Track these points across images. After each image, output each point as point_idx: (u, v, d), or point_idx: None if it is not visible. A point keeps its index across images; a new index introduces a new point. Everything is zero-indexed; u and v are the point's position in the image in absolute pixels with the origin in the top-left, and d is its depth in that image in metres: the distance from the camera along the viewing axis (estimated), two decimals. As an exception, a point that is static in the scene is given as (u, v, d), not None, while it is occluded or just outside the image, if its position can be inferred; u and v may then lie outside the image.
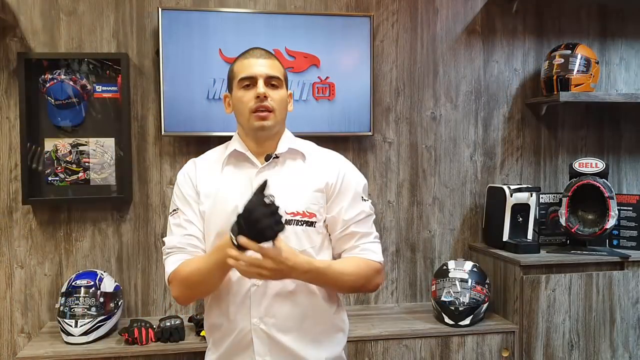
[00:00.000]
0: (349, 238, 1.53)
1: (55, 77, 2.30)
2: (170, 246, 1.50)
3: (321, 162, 1.55)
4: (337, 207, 1.51)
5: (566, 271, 2.38)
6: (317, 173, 1.52)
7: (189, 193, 1.52)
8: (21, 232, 2.37)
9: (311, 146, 1.61)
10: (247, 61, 1.50)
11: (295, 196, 1.48)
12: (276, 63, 1.52)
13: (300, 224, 1.47)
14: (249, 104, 1.47)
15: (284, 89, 1.52)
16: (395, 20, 2.63)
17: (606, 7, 2.82)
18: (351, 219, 1.52)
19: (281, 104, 1.50)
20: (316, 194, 1.50)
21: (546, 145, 2.80)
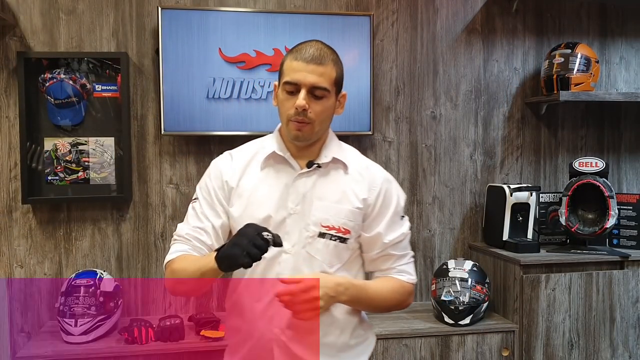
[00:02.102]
0: (386, 260, 1.49)
1: (54, 77, 2.30)
2: (180, 234, 1.47)
3: (363, 176, 1.48)
4: (377, 228, 1.47)
5: (566, 270, 2.38)
6: (358, 188, 1.46)
7: (214, 188, 1.47)
8: (21, 231, 2.36)
9: (354, 156, 1.53)
10: (297, 64, 1.38)
11: (332, 209, 1.43)
12: (327, 69, 1.39)
13: (334, 239, 1.42)
14: (289, 111, 1.39)
15: (331, 99, 1.41)
16: (395, 19, 2.63)
17: (606, 7, 2.82)
18: (390, 241, 1.48)
19: (323, 115, 1.41)
20: (354, 210, 1.44)
21: (546, 145, 2.80)
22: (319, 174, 1.46)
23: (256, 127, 2.43)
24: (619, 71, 2.87)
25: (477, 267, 2.42)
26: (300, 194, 1.43)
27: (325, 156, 1.46)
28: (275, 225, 1.41)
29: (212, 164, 1.53)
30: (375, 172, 1.52)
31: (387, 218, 1.48)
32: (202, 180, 1.52)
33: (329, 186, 1.45)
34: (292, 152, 1.47)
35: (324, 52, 1.40)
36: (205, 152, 2.48)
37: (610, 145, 2.86)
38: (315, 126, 1.40)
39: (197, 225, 1.45)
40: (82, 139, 2.37)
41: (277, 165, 1.47)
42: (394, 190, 1.51)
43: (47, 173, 2.35)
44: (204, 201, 1.47)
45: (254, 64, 2.42)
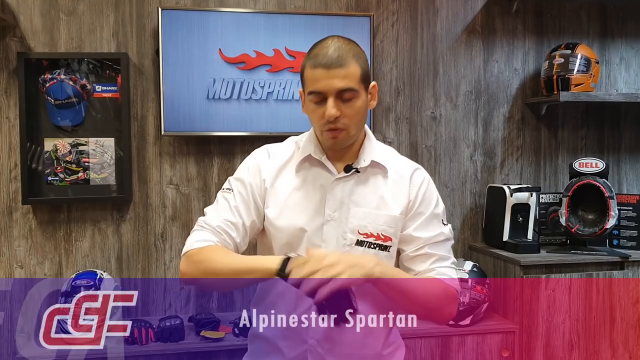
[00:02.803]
0: (424, 259, 1.38)
1: (55, 77, 2.30)
2: (210, 223, 1.37)
3: (403, 179, 1.41)
4: (413, 225, 1.39)
5: (566, 271, 2.38)
6: (399, 193, 1.40)
7: (252, 183, 1.39)
8: (21, 232, 2.36)
9: (392, 157, 1.46)
10: (318, 72, 1.29)
11: (370, 216, 1.37)
12: (351, 67, 1.30)
13: (373, 246, 1.36)
14: (320, 122, 1.32)
15: (362, 96, 1.33)
16: (395, 20, 2.63)
17: (606, 7, 2.82)
18: (428, 238, 1.38)
19: (356, 117, 1.33)
20: (395, 216, 1.38)
21: (546, 145, 2.80)
22: (357, 178, 1.39)
23: (256, 127, 2.43)
24: (619, 72, 2.87)
25: (477, 267, 2.42)
26: (338, 200, 1.37)
27: (364, 160, 1.39)
28: (312, 232, 1.35)
29: (251, 158, 1.45)
30: (417, 174, 1.44)
31: (425, 217, 1.40)
32: (240, 172, 1.43)
33: (367, 191, 1.39)
34: (329, 154, 1.40)
35: (342, 51, 1.30)
36: (205, 153, 2.48)
37: (610, 146, 2.86)
38: (350, 130, 1.34)
39: (229, 219, 1.36)
40: (82, 139, 2.37)
41: (314, 168, 1.40)
42: (434, 193, 1.45)
43: (47, 173, 2.35)
44: (238, 195, 1.39)
45: (254, 65, 2.42)
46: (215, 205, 1.41)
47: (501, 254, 2.48)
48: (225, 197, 1.40)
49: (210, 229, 1.36)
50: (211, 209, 1.40)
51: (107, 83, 2.38)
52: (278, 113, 2.44)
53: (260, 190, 1.39)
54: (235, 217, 1.37)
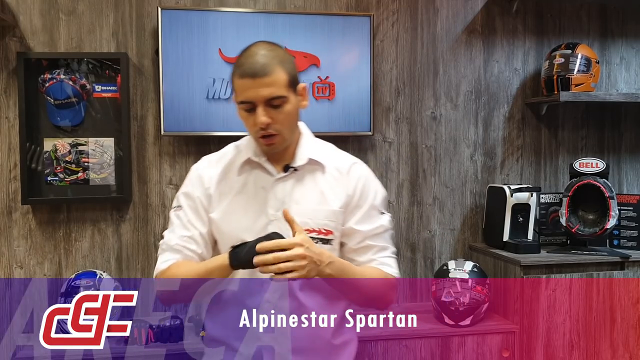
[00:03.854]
0: (365, 250, 1.46)
1: (54, 77, 2.29)
2: (168, 244, 1.45)
3: (342, 174, 1.47)
4: (354, 219, 1.45)
5: (566, 271, 2.38)
6: (338, 188, 1.45)
7: (197, 195, 1.45)
8: (20, 232, 2.36)
9: (331, 153, 1.51)
10: (244, 82, 1.34)
11: (310, 212, 1.42)
12: (277, 74, 1.34)
13: (316, 241, 1.40)
14: (253, 129, 1.38)
15: (291, 100, 1.37)
16: (395, 20, 2.63)
17: (606, 7, 2.81)
18: (369, 231, 1.46)
19: (288, 120, 1.38)
20: (336, 210, 1.44)
21: (546, 145, 2.80)
22: (296, 177, 1.45)
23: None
24: (619, 72, 2.87)
25: (478, 267, 2.42)
26: (280, 199, 1.42)
27: (301, 158, 1.45)
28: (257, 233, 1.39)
29: (192, 171, 1.51)
30: (354, 168, 1.50)
31: (364, 210, 1.46)
32: (184, 188, 1.50)
33: (307, 188, 1.44)
34: (268, 156, 1.45)
35: (267, 59, 1.34)
36: (205, 153, 2.43)
37: (610, 146, 2.86)
38: (284, 134, 1.39)
39: (185, 235, 1.44)
40: (81, 139, 2.37)
41: (254, 170, 1.46)
42: (372, 185, 1.50)
43: (46, 174, 2.35)
44: (188, 209, 1.46)
45: (254, 65, 2.41)
46: (170, 225, 1.48)
47: (501, 254, 2.47)
48: (177, 215, 1.47)
49: (170, 249, 1.44)
50: (167, 231, 1.48)
51: (107, 83, 2.38)
52: (278, 113, 2.44)
53: (206, 198, 1.45)
54: (191, 231, 1.44)
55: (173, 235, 1.46)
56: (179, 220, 1.46)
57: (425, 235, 2.69)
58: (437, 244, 2.70)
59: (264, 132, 1.36)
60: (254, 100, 1.34)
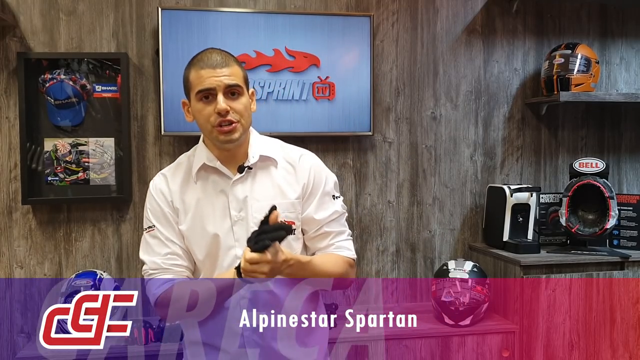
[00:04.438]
0: (323, 237, 1.53)
1: (54, 77, 2.30)
2: (154, 267, 1.47)
3: (293, 166, 1.52)
4: (309, 207, 1.51)
5: (566, 271, 2.38)
6: (292, 179, 1.51)
7: (164, 210, 1.48)
8: (21, 232, 2.36)
9: (279, 148, 1.56)
10: (204, 72, 1.41)
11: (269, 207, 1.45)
12: (235, 68, 1.44)
13: None
14: (211, 119, 1.41)
15: (246, 94, 1.46)
16: (395, 20, 2.63)
17: (606, 7, 2.82)
18: (324, 219, 1.51)
19: (245, 112, 1.45)
20: (293, 202, 1.49)
21: (546, 145, 2.80)
22: (252, 175, 1.49)
23: (256, 127, 2.39)
24: (619, 72, 2.87)
25: (478, 267, 2.42)
26: (240, 200, 1.46)
27: (253, 156, 1.49)
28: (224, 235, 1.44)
29: (151, 189, 1.54)
30: (304, 159, 1.54)
31: (317, 198, 1.51)
32: (147, 209, 1.52)
33: (263, 185, 1.49)
34: (222, 159, 1.49)
35: (225, 56, 1.44)
36: None
37: (610, 146, 2.86)
38: (243, 124, 1.44)
39: (167, 252, 1.46)
40: (82, 139, 2.37)
41: (211, 175, 1.49)
42: (322, 172, 1.54)
43: (47, 174, 2.35)
44: (162, 227, 1.48)
45: (254, 65, 2.42)
46: (146, 248, 1.50)
47: (501, 254, 2.48)
48: (152, 236, 1.49)
49: (158, 271, 1.46)
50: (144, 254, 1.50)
51: (107, 83, 2.38)
52: (278, 113, 2.44)
53: (174, 212, 1.48)
54: (171, 247, 1.47)
55: (153, 256, 1.48)
56: (156, 240, 1.48)
57: (425, 235, 2.69)
58: (437, 244, 2.70)
59: (222, 119, 1.40)
60: (215, 87, 1.40)
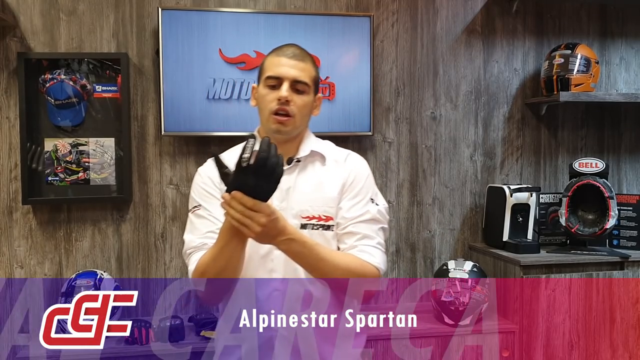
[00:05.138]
0: (347, 236, 1.45)
1: (55, 77, 2.30)
2: (192, 246, 1.44)
3: (339, 164, 1.51)
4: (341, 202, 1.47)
5: (566, 271, 2.38)
6: (336, 175, 1.49)
7: (210, 192, 1.46)
8: (21, 232, 2.36)
9: (330, 147, 1.56)
10: (278, 59, 1.46)
11: (309, 200, 1.45)
12: (308, 66, 1.47)
13: (316, 227, 1.43)
14: (270, 105, 1.43)
15: (311, 95, 1.47)
16: (395, 20, 2.63)
17: (606, 8, 2.82)
18: (353, 217, 1.45)
19: (303, 110, 1.45)
20: (333, 197, 1.46)
21: (546, 145, 2.80)
22: (299, 168, 1.49)
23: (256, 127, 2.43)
24: (619, 72, 2.87)
25: (477, 267, 2.42)
26: (284, 190, 1.45)
27: (304, 150, 1.50)
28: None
29: (200, 172, 1.52)
30: (350, 158, 1.54)
31: (352, 194, 1.47)
32: (197, 188, 1.49)
33: (307, 178, 1.49)
34: None
35: (304, 53, 1.49)
36: (206, 153, 2.48)
37: (610, 146, 2.86)
38: (297, 120, 1.44)
39: (210, 230, 1.42)
40: (82, 139, 2.37)
41: None
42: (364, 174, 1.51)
43: (47, 174, 2.35)
44: (208, 204, 1.45)
45: (254, 65, 2.42)
46: (189, 227, 1.47)
47: (501, 254, 2.48)
48: (197, 214, 1.46)
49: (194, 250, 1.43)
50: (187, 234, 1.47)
51: (107, 83, 2.39)
52: (278, 113, 2.44)
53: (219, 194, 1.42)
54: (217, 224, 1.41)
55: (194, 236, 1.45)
56: (200, 219, 1.45)
57: (425, 235, 2.69)
58: (437, 244, 2.70)
59: (280, 107, 1.41)
60: (283, 76, 1.43)
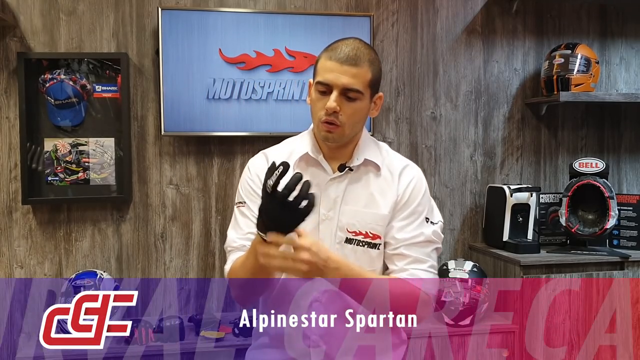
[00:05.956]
0: (398, 258, 1.39)
1: (55, 77, 2.30)
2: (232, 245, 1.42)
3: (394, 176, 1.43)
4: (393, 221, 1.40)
5: (566, 271, 2.38)
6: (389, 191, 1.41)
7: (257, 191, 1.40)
8: (21, 232, 2.36)
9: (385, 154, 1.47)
10: (331, 64, 1.34)
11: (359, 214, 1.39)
12: (363, 70, 1.34)
13: (362, 244, 1.38)
14: (319, 113, 1.35)
15: (364, 100, 1.36)
16: (395, 20, 2.63)
17: (606, 8, 2.82)
18: (405, 239, 1.39)
19: (354, 118, 1.36)
20: (384, 215, 1.40)
21: (546, 145, 2.80)
22: (351, 177, 1.42)
23: (256, 127, 2.43)
24: (619, 72, 2.87)
25: (477, 267, 2.42)
26: (332, 199, 1.40)
27: (357, 158, 1.42)
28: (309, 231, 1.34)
29: (249, 166, 1.47)
30: (407, 170, 1.45)
31: (406, 213, 1.41)
32: (244, 183, 1.45)
33: (358, 190, 1.41)
34: (325, 153, 1.42)
35: (360, 52, 1.35)
36: (205, 153, 2.48)
37: (610, 146, 2.86)
38: (345, 129, 1.36)
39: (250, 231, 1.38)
40: (82, 139, 2.37)
41: (310, 167, 1.42)
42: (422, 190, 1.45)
43: (47, 174, 2.35)
44: (252, 204, 1.40)
45: (254, 65, 2.42)
46: (233, 223, 1.45)
47: (501, 254, 2.48)
48: (241, 212, 1.43)
49: (234, 249, 1.41)
50: (230, 230, 1.44)
51: (107, 83, 2.38)
52: (278, 113, 2.44)
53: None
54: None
55: (236, 234, 1.42)
56: (243, 217, 1.42)
57: (425, 235, 2.68)
58: (437, 244, 2.70)
59: (328, 117, 1.34)
60: (332, 84, 1.33)
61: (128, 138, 2.38)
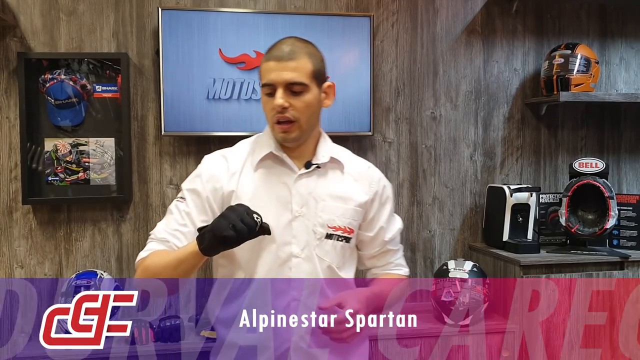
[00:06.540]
0: (384, 255, 1.53)
1: (55, 77, 2.30)
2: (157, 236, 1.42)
3: (362, 175, 1.49)
4: (378, 226, 1.49)
5: (566, 271, 2.38)
6: (359, 188, 1.46)
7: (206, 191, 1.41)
8: (21, 232, 2.36)
9: (349, 155, 1.52)
10: (270, 64, 1.36)
11: (339, 210, 1.43)
12: (301, 63, 1.36)
13: (340, 239, 1.42)
14: (270, 114, 1.38)
15: (312, 92, 1.38)
16: (395, 20, 2.63)
17: (606, 8, 2.82)
18: (390, 238, 1.52)
19: (306, 111, 1.37)
20: (357, 209, 1.45)
21: (546, 145, 2.80)
22: (318, 174, 1.44)
23: (256, 127, 2.41)
24: (618, 72, 2.87)
25: (477, 267, 2.42)
26: (304, 195, 1.41)
27: (323, 156, 1.45)
28: (282, 229, 1.38)
29: (203, 165, 1.48)
30: (373, 171, 1.53)
31: (386, 216, 1.49)
32: (192, 181, 1.45)
33: (329, 186, 1.44)
34: (287, 152, 1.44)
35: (295, 47, 1.38)
36: (205, 153, 2.42)
37: (610, 146, 2.86)
38: (301, 124, 1.38)
39: (178, 228, 1.40)
40: (82, 139, 2.37)
41: (275, 166, 1.43)
42: (389, 189, 1.54)
43: (47, 174, 2.35)
44: (192, 203, 1.41)
45: (254, 65, 2.42)
46: (168, 215, 1.45)
47: (501, 254, 2.48)
48: (177, 207, 1.44)
49: (156, 240, 1.41)
50: (161, 222, 1.45)
51: (107, 83, 2.39)
52: (278, 113, 2.44)
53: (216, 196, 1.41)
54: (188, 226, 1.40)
55: (164, 227, 1.42)
56: (178, 213, 1.42)
57: (425, 235, 2.69)
58: (437, 244, 2.70)
59: (279, 116, 1.36)
60: (275, 83, 1.35)
61: (128, 138, 2.38)
